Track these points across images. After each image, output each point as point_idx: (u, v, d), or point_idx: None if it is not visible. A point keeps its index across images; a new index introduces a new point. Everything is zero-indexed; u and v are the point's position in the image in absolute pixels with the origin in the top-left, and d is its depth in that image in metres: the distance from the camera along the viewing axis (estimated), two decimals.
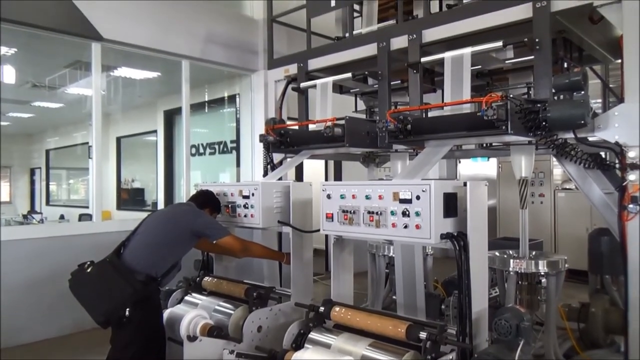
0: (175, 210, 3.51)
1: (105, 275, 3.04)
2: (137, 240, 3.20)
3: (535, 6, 3.19)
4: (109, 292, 2.98)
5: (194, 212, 3.38)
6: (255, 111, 6.97)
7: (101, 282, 3.02)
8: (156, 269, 3.11)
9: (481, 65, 3.97)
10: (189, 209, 3.42)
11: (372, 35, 4.29)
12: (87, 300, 3.05)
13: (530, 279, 3.59)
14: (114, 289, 2.98)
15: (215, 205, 3.69)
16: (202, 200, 3.63)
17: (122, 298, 2.93)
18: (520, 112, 2.89)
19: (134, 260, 3.09)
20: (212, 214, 3.63)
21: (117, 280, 3.01)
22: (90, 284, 3.06)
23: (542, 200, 7.88)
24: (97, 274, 3.08)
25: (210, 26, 6.31)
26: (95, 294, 3.02)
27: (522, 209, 3.55)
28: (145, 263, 3.08)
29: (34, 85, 8.79)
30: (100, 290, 3.01)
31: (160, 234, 3.20)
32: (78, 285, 3.09)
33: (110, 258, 3.16)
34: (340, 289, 3.14)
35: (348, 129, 3.63)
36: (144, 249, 3.15)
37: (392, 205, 2.55)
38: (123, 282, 2.99)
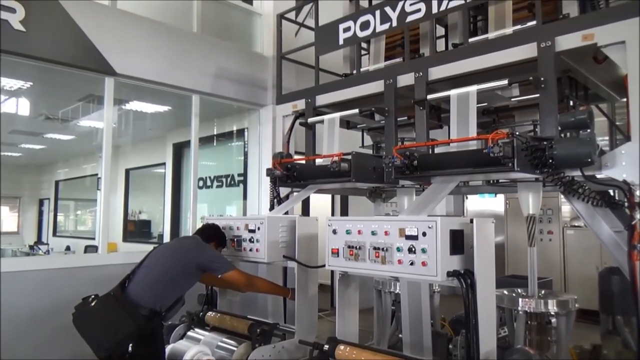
0: (181, 244, 3.50)
1: (109, 309, 3.02)
2: (142, 273, 3.18)
3: (540, 46, 3.25)
4: (112, 327, 2.95)
5: (199, 245, 3.37)
6: (263, 145, 7.04)
7: (105, 317, 3.00)
8: (160, 304, 3.09)
9: (487, 103, 4.01)
10: (195, 243, 3.41)
11: (379, 73, 4.37)
12: (90, 335, 3.02)
13: (539, 319, 3.51)
14: (117, 324, 2.95)
15: (221, 239, 3.68)
16: (208, 233, 3.62)
17: (125, 333, 2.90)
18: (526, 150, 2.90)
19: (139, 294, 3.07)
20: (218, 248, 3.62)
21: (121, 315, 2.98)
22: (93, 318, 3.03)
23: (550, 238, 7.79)
24: (101, 308, 3.06)
25: (221, 62, 6.45)
26: (98, 329, 2.99)
27: (530, 247, 3.51)
28: (150, 297, 3.06)
29: (47, 117, 8.97)
30: (104, 325, 2.98)
31: (165, 268, 3.19)
32: (81, 319, 3.07)
33: (115, 292, 3.14)
34: (346, 326, 3.08)
35: (354, 164, 3.65)
36: (148, 283, 3.13)
37: (398, 241, 2.53)
38: (127, 317, 2.96)
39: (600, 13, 3.34)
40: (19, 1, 4.63)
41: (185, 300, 3.37)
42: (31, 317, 4.67)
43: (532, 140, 2.99)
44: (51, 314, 4.65)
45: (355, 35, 4.53)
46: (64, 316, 3.19)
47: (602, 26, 3.05)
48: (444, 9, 3.85)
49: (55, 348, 4.65)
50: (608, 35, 3.03)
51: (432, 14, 3.94)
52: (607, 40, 3.04)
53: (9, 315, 4.55)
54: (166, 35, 5.93)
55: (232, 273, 3.31)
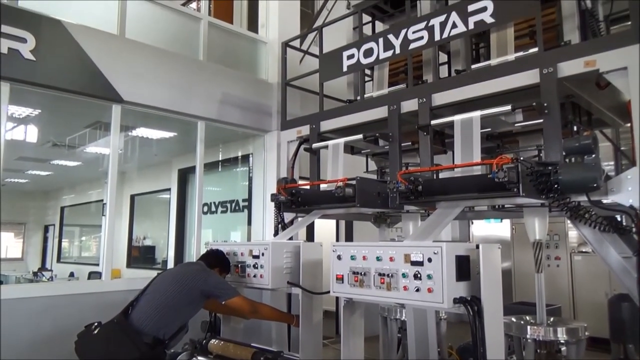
0: (185, 270, 3.49)
1: (112, 337, 3.00)
2: (145, 300, 3.16)
3: (542, 72, 3.28)
4: (116, 356, 2.92)
5: (203, 271, 3.35)
6: (268, 171, 7.05)
7: (108, 345, 2.97)
8: (164, 331, 3.06)
9: (491, 128, 4.02)
10: (199, 269, 3.39)
11: (383, 99, 4.41)
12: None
13: (549, 347, 3.44)
14: (120, 352, 2.93)
15: (225, 265, 3.66)
16: (212, 260, 3.61)
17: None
18: (531, 175, 2.89)
19: (142, 321, 3.05)
20: (222, 274, 3.59)
21: (124, 342, 2.96)
22: (97, 346, 3.01)
23: (558, 264, 7.70)
24: (104, 335, 3.03)
25: (227, 89, 6.53)
26: (101, 357, 2.97)
27: (537, 273, 3.46)
28: (153, 325, 3.04)
29: (54, 144, 9.06)
30: (107, 352, 2.96)
31: (169, 295, 3.17)
32: (84, 346, 3.05)
33: (118, 319, 3.12)
34: (351, 354, 3.03)
35: (359, 189, 3.65)
36: (152, 310, 3.11)
37: (404, 267, 2.51)
38: (130, 344, 2.94)
39: (602, 40, 3.37)
40: (29, 31, 4.74)
41: (188, 328, 3.33)
42: (33, 344, 4.62)
43: (537, 165, 2.99)
44: (54, 341, 4.60)
45: (359, 62, 4.59)
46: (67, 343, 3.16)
47: (604, 52, 3.09)
48: (446, 36, 3.91)
49: None
50: (610, 61, 3.06)
51: (435, 41, 4.00)
52: (609, 67, 3.07)
53: (11, 341, 4.50)
54: (173, 63, 6.03)
55: (236, 299, 3.28)
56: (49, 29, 4.92)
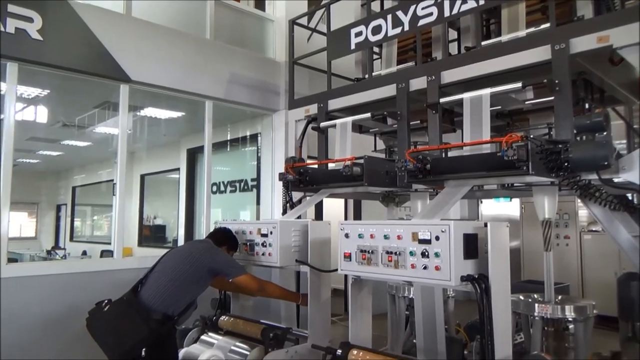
0: (193, 248, 3.52)
1: (122, 314, 3.05)
2: (154, 278, 3.21)
3: (554, 48, 3.21)
4: (125, 332, 2.97)
5: (211, 249, 3.39)
6: (276, 150, 7.06)
7: (118, 322, 3.02)
8: (173, 308, 3.10)
9: (501, 106, 3.97)
10: (207, 247, 3.43)
11: (392, 77, 4.36)
12: (104, 340, 3.05)
13: (557, 325, 3.45)
14: (130, 329, 2.97)
15: (233, 243, 3.69)
16: (220, 237, 3.64)
17: (138, 338, 2.92)
18: (541, 153, 2.86)
19: (151, 299, 3.10)
20: (230, 252, 3.63)
21: (134, 319, 3.00)
22: (107, 323, 3.06)
23: (567, 243, 7.68)
24: (114, 313, 3.08)
25: (234, 68, 6.50)
26: (111, 334, 3.02)
27: (546, 252, 3.46)
28: (163, 302, 3.09)
29: (64, 124, 9.11)
30: (117, 330, 3.00)
31: (177, 273, 3.21)
32: (95, 324, 3.10)
33: (128, 297, 3.17)
34: (359, 331, 3.06)
35: (367, 168, 3.64)
36: (161, 288, 3.15)
37: (411, 245, 2.52)
38: (140, 322, 2.98)
39: (616, 14, 3.29)
40: (36, 11, 4.72)
41: (197, 304, 3.38)
42: (48, 320, 4.73)
43: (547, 143, 2.95)
44: (67, 317, 4.70)
45: (367, 39, 4.53)
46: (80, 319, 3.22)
47: (618, 28, 3.01)
48: (456, 12, 3.83)
49: (71, 351, 4.70)
50: (624, 36, 2.99)
51: (444, 17, 3.93)
52: (623, 42, 3.00)
53: (26, 318, 4.61)
54: (180, 42, 5.99)
55: (243, 277, 3.32)
56: (56, 8, 4.91)
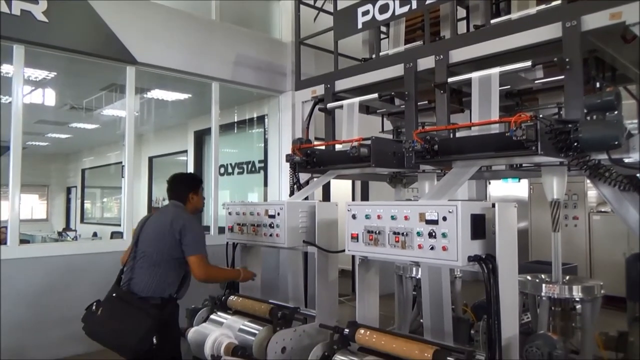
0: (163, 226, 3.22)
1: (118, 313, 2.99)
2: (140, 267, 3.14)
3: (565, 26, 3.15)
4: (130, 330, 2.91)
5: (179, 221, 3.18)
6: (283, 131, 7.05)
7: (118, 322, 2.96)
8: (168, 290, 3.09)
9: (510, 85, 3.92)
10: (174, 218, 3.20)
11: (399, 56, 4.31)
12: (110, 343, 3.03)
13: (564, 305, 3.46)
14: (133, 324, 2.92)
15: (194, 184, 3.50)
16: (181, 188, 3.45)
17: (145, 330, 2.90)
18: (550, 133, 2.83)
19: (144, 289, 3.06)
20: (197, 196, 3.46)
21: (131, 314, 2.96)
22: (107, 326, 3.00)
23: (576, 224, 7.65)
24: (109, 314, 3.02)
25: (240, 49, 6.46)
26: (116, 336, 2.96)
27: (554, 232, 3.45)
28: (155, 289, 3.06)
29: (72, 107, 9.14)
30: (121, 329, 2.93)
31: (159, 257, 3.12)
32: (95, 330, 3.06)
33: (117, 293, 3.11)
34: (366, 311, 3.09)
35: (374, 149, 3.62)
36: (148, 277, 3.09)
37: (419, 226, 2.52)
38: (138, 314, 2.95)
39: None
40: None
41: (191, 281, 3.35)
42: (59, 300, 4.82)
43: (557, 123, 2.92)
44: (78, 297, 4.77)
45: (374, 18, 4.47)
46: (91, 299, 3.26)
47: (631, 4, 2.94)
48: None
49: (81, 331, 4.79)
50: (637, 13, 2.92)
51: None
52: (636, 19, 2.93)
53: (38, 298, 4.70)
54: (185, 23, 5.95)
55: (193, 258, 3.14)
56: None
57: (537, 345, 2.34)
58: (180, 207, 3.40)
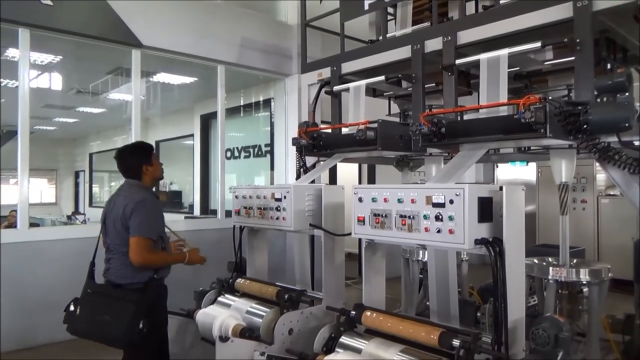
0: (118, 210, 3.08)
1: (98, 307, 2.95)
2: (113, 256, 3.08)
3: (576, 5, 3.09)
4: (113, 320, 2.88)
5: (131, 210, 3.01)
6: (289, 115, 7.02)
7: (100, 316, 2.92)
8: (147, 274, 3.03)
9: (519, 67, 3.86)
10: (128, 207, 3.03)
11: (406, 38, 4.25)
12: (98, 337, 3.00)
13: (571, 288, 3.46)
14: (116, 315, 2.89)
15: (145, 154, 3.23)
16: (132, 163, 3.19)
17: (129, 318, 2.86)
18: (559, 115, 2.79)
19: (123, 276, 3.01)
20: (152, 165, 3.24)
21: (112, 305, 2.92)
22: (89, 322, 2.97)
23: (584, 207, 7.60)
24: (89, 310, 2.98)
25: (246, 32, 6.40)
26: (101, 329, 2.92)
27: (562, 215, 3.43)
28: (133, 277, 3.00)
29: (78, 91, 9.15)
30: (103, 322, 2.90)
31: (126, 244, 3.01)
32: (79, 327, 3.02)
33: (91, 288, 3.08)
34: (372, 293, 3.10)
35: (381, 132, 3.60)
36: (123, 268, 3.02)
37: (425, 209, 2.51)
38: (120, 304, 2.91)
39: None
40: None
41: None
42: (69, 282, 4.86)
43: (566, 105, 2.88)
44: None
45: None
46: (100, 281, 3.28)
47: None
48: None
49: None
50: None
51: None
52: None
53: (48, 280, 4.77)
54: (191, 6, 5.90)
55: (133, 240, 2.95)
56: None
57: (544, 327, 2.34)
58: (134, 186, 3.16)
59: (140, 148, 3.28)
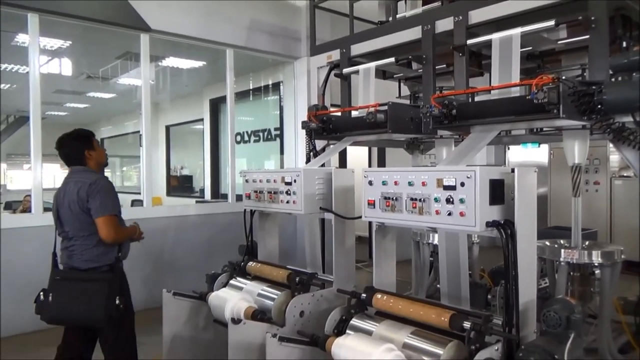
0: (73, 202, 3.10)
1: (71, 292, 2.98)
2: (74, 243, 3.12)
3: None
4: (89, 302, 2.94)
5: (87, 193, 3.06)
6: (298, 98, 6.99)
7: (74, 300, 2.96)
8: (112, 254, 3.10)
9: (531, 47, 3.80)
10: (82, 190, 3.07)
11: (417, 18, 4.19)
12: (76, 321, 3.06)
13: (583, 270, 3.45)
14: (91, 295, 2.95)
15: (85, 140, 3.27)
16: (73, 151, 3.22)
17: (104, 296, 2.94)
18: (573, 95, 2.74)
19: (88, 261, 3.07)
20: (95, 150, 3.27)
21: (85, 288, 2.97)
22: (64, 308, 2.99)
23: (597, 189, 7.52)
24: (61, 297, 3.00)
25: (254, 14, 6.35)
26: (77, 312, 2.96)
27: (575, 197, 3.40)
28: (97, 259, 3.07)
29: (88, 76, 9.18)
30: (79, 305, 2.95)
31: (84, 232, 3.08)
32: (54, 316, 3.04)
33: (61, 275, 3.10)
34: (383, 276, 3.11)
35: (391, 114, 3.57)
36: (86, 249, 3.08)
37: (436, 191, 2.49)
38: (92, 285, 2.97)
39: None
40: None
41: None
42: None
43: (580, 84, 2.83)
44: None
45: None
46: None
47: None
48: None
49: None
50: None
51: None
52: None
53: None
54: None
55: (101, 220, 3.03)
56: None
57: (555, 309, 2.33)
58: (82, 171, 3.20)
59: (79, 134, 3.31)
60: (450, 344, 2.36)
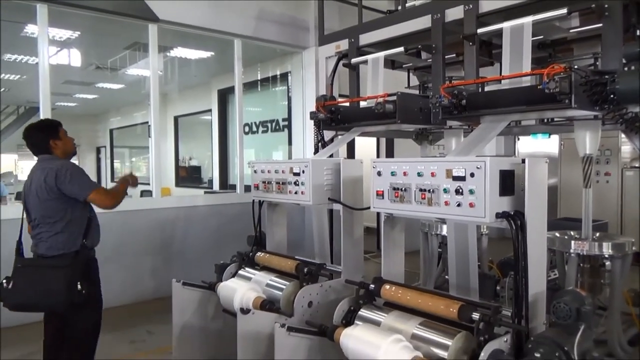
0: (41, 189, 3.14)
1: (33, 278, 3.03)
2: (40, 231, 3.16)
3: None
4: (49, 287, 2.99)
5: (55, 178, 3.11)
6: (307, 88, 6.96)
7: (35, 285, 3.00)
8: (78, 242, 3.15)
9: (543, 36, 3.74)
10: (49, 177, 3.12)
11: (426, 7, 4.14)
12: (37, 307, 3.12)
13: (593, 262, 3.42)
14: (51, 280, 3.00)
15: (50, 130, 3.34)
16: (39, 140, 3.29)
17: (65, 281, 2.99)
18: (585, 85, 2.70)
19: (52, 248, 3.11)
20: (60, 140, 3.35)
21: (46, 274, 3.02)
22: (26, 294, 3.04)
23: (608, 180, 7.45)
24: (23, 283, 3.05)
25: (262, 4, 6.32)
26: (38, 298, 3.02)
27: (585, 188, 3.36)
28: (63, 247, 3.12)
29: (97, 67, 9.20)
30: (40, 291, 3.00)
31: (51, 219, 3.12)
32: (15, 302, 3.09)
33: (23, 263, 3.15)
34: (391, 267, 3.11)
35: (400, 105, 3.55)
36: (53, 236, 3.12)
37: (445, 182, 2.48)
38: (53, 271, 3.02)
39: None
40: None
41: (98, 222, 3.41)
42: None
43: (592, 74, 2.78)
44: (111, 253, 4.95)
45: None
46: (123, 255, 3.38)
47: None
48: None
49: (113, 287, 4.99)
50: None
51: None
52: None
53: None
54: None
55: (92, 195, 3.15)
56: None
57: (565, 301, 2.32)
58: (48, 159, 3.26)
59: (44, 125, 3.41)
60: (459, 335, 2.36)
